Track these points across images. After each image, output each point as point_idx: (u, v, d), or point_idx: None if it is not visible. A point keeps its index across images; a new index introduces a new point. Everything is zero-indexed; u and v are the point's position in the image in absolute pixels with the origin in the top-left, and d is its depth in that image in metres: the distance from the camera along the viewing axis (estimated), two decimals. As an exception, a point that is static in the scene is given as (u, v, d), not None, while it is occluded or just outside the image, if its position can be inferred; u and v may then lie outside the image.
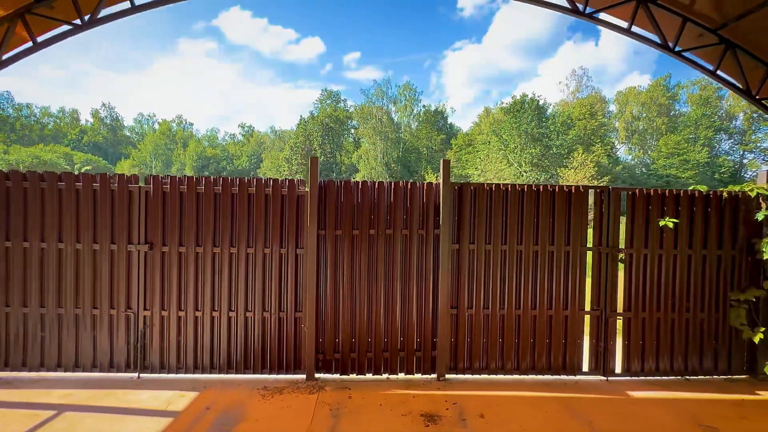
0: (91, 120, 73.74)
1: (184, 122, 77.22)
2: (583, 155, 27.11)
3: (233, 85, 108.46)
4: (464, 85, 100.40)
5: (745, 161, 47.00)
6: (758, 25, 4.42)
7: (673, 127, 48.04)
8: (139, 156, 64.91)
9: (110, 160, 63.35)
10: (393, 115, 55.71)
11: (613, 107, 55.11)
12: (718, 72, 5.04)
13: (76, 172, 4.73)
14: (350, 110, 58.33)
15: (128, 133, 77.29)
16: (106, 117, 74.07)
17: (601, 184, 26.23)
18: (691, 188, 5.02)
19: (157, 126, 75.52)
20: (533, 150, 39.34)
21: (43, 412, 3.82)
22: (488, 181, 8.61)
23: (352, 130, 58.01)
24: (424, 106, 57.07)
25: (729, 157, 46.58)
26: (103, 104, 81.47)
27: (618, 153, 51.82)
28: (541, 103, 42.77)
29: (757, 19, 4.36)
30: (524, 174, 40.59)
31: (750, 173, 45.28)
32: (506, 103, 45.22)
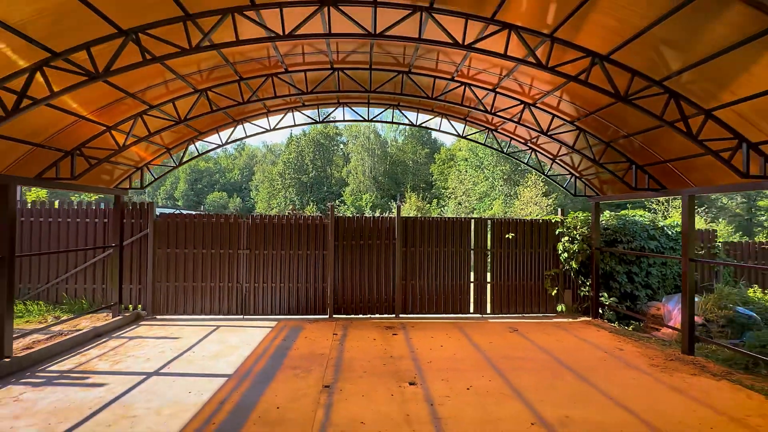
0: (90, 135, 76.55)
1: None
2: (535, 176, 32.33)
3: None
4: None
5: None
6: (546, 141, 9.24)
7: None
8: (138, 170, 67.98)
9: (110, 174, 66.22)
10: (380, 131, 60.65)
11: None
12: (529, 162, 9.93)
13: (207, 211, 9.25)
14: (340, 127, 63.05)
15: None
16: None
17: (550, 199, 31.24)
18: (523, 217, 9.79)
19: (153, 140, 78.52)
20: (504, 167, 44.69)
21: (208, 328, 8.27)
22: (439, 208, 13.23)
23: (341, 146, 62.73)
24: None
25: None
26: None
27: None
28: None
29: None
30: (496, 188, 45.89)
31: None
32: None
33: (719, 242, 10.27)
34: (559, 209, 9.96)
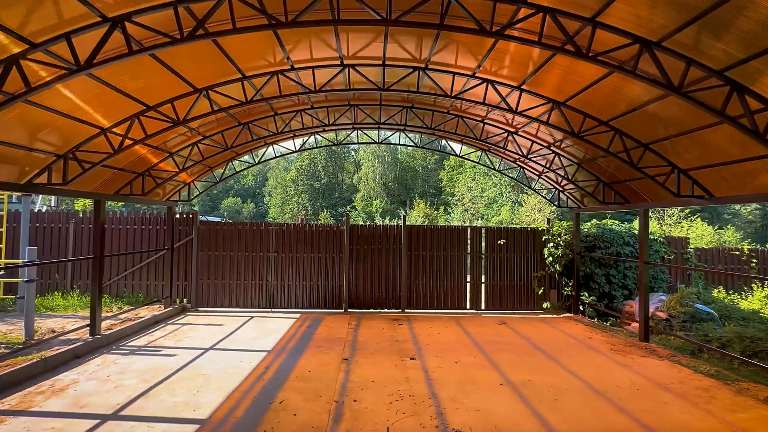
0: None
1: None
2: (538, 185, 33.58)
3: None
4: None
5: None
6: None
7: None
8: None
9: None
10: (390, 138, 62.35)
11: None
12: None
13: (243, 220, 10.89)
14: (351, 135, 64.88)
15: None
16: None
17: (553, 206, 32.42)
18: (513, 225, 11.19)
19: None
20: (512, 173, 45.86)
21: (244, 318, 9.86)
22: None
23: (353, 153, 64.59)
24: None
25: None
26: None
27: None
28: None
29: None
30: (504, 194, 47.05)
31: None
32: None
33: (691, 248, 11.50)
34: (548, 219, 11.34)
